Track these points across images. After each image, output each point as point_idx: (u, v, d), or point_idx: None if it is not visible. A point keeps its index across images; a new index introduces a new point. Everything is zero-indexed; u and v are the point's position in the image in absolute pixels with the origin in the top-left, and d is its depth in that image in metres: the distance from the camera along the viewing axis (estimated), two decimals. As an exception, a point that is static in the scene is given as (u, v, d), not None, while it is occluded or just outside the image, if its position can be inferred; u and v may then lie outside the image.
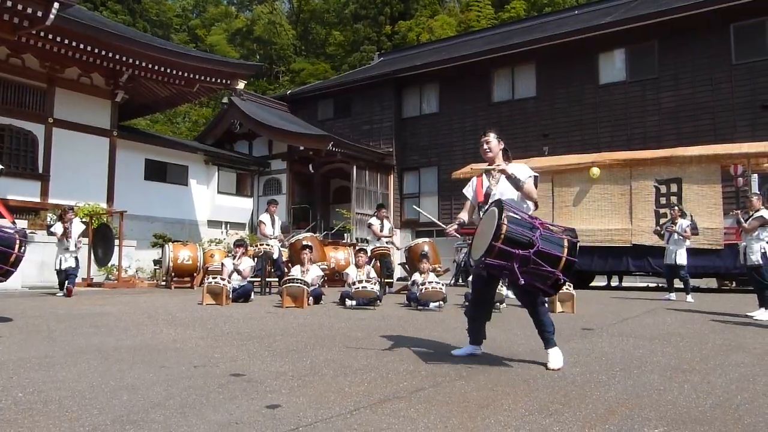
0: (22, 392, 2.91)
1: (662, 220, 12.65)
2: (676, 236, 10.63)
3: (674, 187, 13.20)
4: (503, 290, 8.28)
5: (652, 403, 3.01)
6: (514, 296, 10.15)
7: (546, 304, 7.39)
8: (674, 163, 13.32)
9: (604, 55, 19.30)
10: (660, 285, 14.37)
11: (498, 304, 8.19)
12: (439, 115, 22.75)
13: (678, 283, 10.69)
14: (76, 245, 10.61)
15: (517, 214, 3.93)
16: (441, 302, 8.34)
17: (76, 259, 10.60)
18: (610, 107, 18.99)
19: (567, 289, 7.99)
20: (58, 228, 10.63)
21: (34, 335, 4.88)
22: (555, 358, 4.00)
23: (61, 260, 10.47)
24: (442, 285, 8.52)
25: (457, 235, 4.64)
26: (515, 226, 3.75)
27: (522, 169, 4.62)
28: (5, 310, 6.88)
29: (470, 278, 4.82)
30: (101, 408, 2.65)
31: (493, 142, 4.90)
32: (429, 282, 8.31)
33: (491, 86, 21.56)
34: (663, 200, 13.21)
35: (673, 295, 10.45)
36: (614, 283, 16.70)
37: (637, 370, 3.89)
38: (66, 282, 10.14)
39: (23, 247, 5.42)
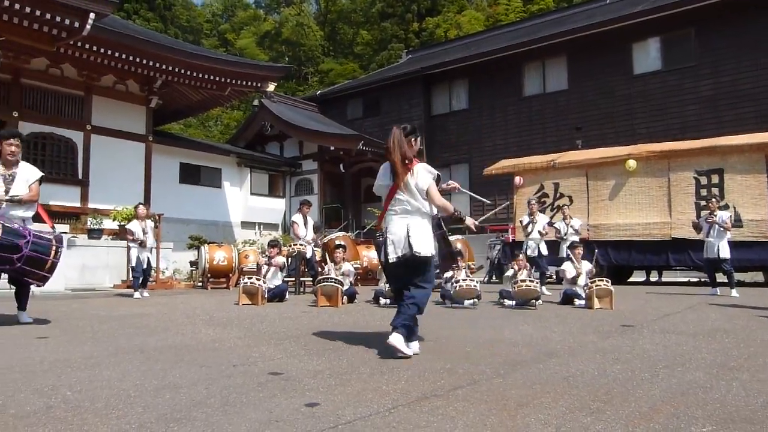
0: (70, 391, 2.98)
1: (703, 213, 12.36)
2: (716, 229, 10.32)
3: (715, 179, 12.83)
4: (540, 288, 8.20)
5: (698, 401, 2.94)
6: (549, 293, 10.06)
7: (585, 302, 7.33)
8: (715, 153, 12.94)
9: (637, 45, 18.96)
10: (702, 280, 14.03)
11: (534, 301, 8.12)
12: (469, 111, 22.63)
13: (722, 278, 10.42)
14: (152, 242, 10.57)
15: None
16: (475, 299, 8.30)
17: (148, 258, 10.52)
18: (646, 98, 18.64)
19: (605, 284, 7.87)
20: (134, 226, 10.36)
21: (79, 336, 5.00)
22: None
23: (139, 259, 10.22)
24: (476, 282, 8.47)
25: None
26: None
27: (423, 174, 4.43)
28: (50, 312, 7.06)
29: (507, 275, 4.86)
30: (146, 406, 2.70)
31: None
32: (463, 279, 8.26)
33: (521, 80, 21.36)
34: (704, 192, 12.87)
35: (717, 290, 10.17)
36: (653, 278, 16.36)
37: (681, 367, 3.80)
38: (146, 281, 10.34)
39: (59, 253, 5.51)
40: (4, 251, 5.11)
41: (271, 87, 18.99)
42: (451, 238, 12.84)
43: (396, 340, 4.10)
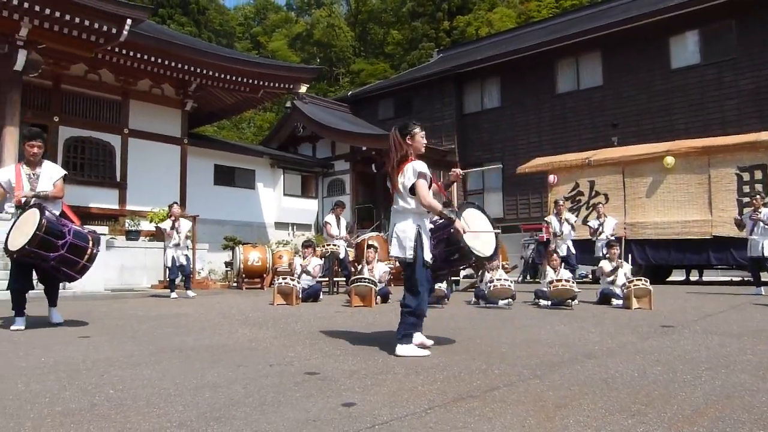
0: (113, 389, 3.05)
1: (746, 210, 12.03)
2: (761, 226, 10.03)
3: (759, 174, 12.42)
4: (575, 287, 8.09)
5: (744, 404, 2.86)
6: (579, 290, 9.90)
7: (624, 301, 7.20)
8: (759, 148, 12.52)
9: (674, 39, 18.54)
10: (745, 279, 13.66)
11: (570, 301, 8.02)
12: (502, 110, 22.44)
13: (766, 276, 10.13)
14: (186, 240, 10.49)
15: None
16: (510, 299, 8.23)
17: (187, 257, 10.49)
18: (684, 92, 18.22)
19: (644, 284, 7.73)
20: (167, 224, 10.49)
21: (120, 335, 5.10)
22: None
23: (174, 259, 10.26)
24: (511, 282, 8.40)
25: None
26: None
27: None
28: (91, 312, 7.24)
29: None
30: (186, 405, 2.74)
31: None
32: (497, 279, 8.20)
33: (555, 77, 21.09)
34: (746, 188, 12.50)
35: (762, 290, 9.89)
36: (693, 277, 15.98)
37: (725, 369, 3.70)
38: (184, 283, 10.28)
39: (97, 246, 5.56)
40: (51, 236, 5.17)
41: (303, 88, 19.11)
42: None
43: (402, 350, 4.15)
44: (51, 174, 5.69)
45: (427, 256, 4.31)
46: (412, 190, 4.30)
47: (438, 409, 2.76)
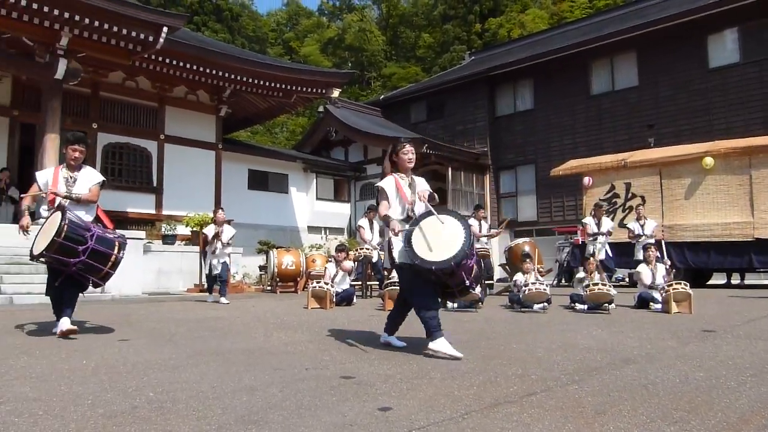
0: (152, 392, 3.10)
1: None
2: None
3: (804, 175, 12.12)
4: (611, 290, 7.96)
5: (791, 411, 2.77)
6: (615, 292, 9.73)
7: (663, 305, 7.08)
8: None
9: (713, 37, 18.15)
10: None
11: (606, 304, 7.89)
12: (535, 112, 22.25)
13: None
14: (224, 248, 10.09)
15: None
16: (545, 303, 8.13)
17: (224, 264, 10.08)
18: (723, 92, 17.82)
19: (683, 287, 7.57)
20: (210, 230, 10.23)
21: (158, 338, 5.19)
22: None
23: (211, 265, 10.02)
24: (546, 286, 8.31)
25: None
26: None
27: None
28: (129, 315, 7.38)
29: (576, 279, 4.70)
30: (224, 408, 2.77)
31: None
32: (532, 283, 8.11)
33: (589, 78, 20.85)
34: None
35: None
36: (735, 281, 15.57)
37: (770, 374, 3.60)
38: (219, 289, 9.89)
39: (122, 251, 5.33)
40: (71, 242, 5.00)
41: (336, 93, 19.23)
42: (518, 240, 12.70)
43: (435, 345, 4.25)
44: (89, 178, 5.60)
45: (397, 257, 4.44)
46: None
47: (475, 414, 2.74)
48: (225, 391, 3.12)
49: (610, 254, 11.42)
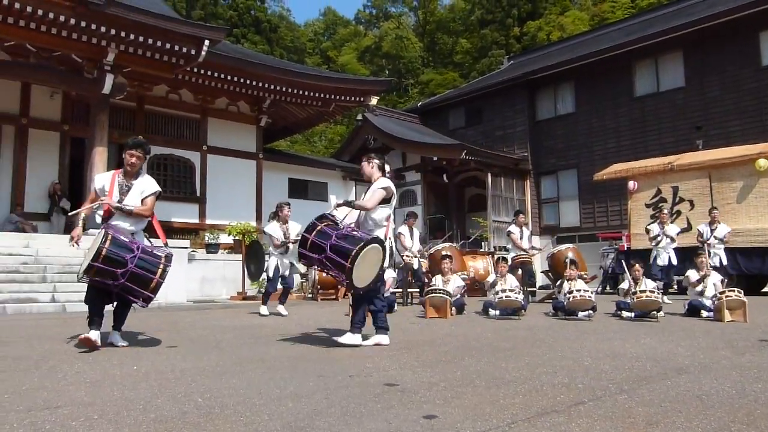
0: (201, 398, 3.15)
1: None
2: None
3: None
4: (662, 298, 7.77)
5: None
6: (670, 302, 9.48)
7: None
8: None
9: (765, 34, 17.51)
10: None
11: (655, 312, 7.70)
12: (576, 115, 21.91)
13: None
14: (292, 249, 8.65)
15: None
16: (590, 311, 7.97)
17: (295, 268, 9.09)
18: (779, 90, 17.19)
19: (737, 295, 7.32)
20: (274, 229, 9.05)
21: (204, 345, 5.27)
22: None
23: (277, 267, 8.78)
24: (591, 293, 8.15)
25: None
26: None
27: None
28: (177, 322, 7.52)
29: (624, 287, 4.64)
30: (270, 414, 2.80)
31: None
32: (577, 290, 7.97)
33: (633, 80, 20.43)
34: None
35: None
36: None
37: (833, 384, 3.45)
38: (280, 297, 8.92)
39: (165, 272, 5.08)
40: (109, 265, 4.83)
41: (374, 101, 19.33)
42: (561, 246, 12.51)
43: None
44: (143, 188, 5.27)
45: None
46: None
47: (522, 423, 2.70)
48: (271, 398, 3.15)
49: (674, 262, 11.17)
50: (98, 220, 5.29)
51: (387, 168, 5.66)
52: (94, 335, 4.91)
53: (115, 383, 3.55)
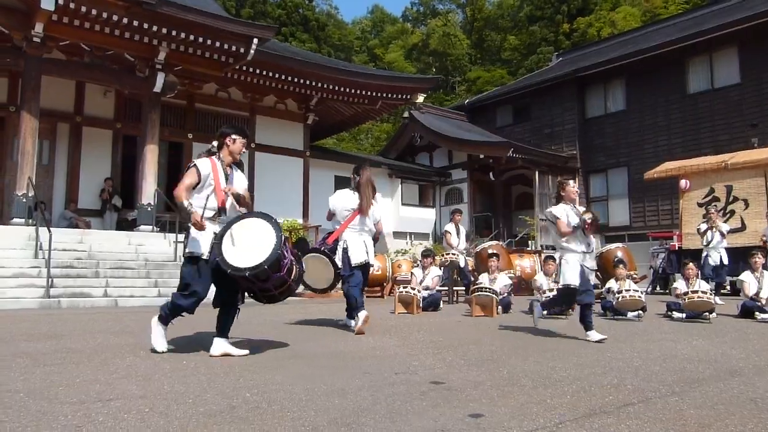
0: (249, 393, 3.21)
1: None
2: None
3: None
4: (714, 299, 7.55)
5: None
6: (722, 303, 9.19)
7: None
8: None
9: (825, 28, 16.80)
10: None
11: (707, 314, 7.48)
12: (627, 113, 21.41)
13: None
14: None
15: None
16: (640, 311, 7.80)
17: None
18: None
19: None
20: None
21: (253, 340, 5.35)
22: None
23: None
24: (641, 293, 7.97)
25: None
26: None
27: None
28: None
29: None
30: (317, 410, 2.84)
31: None
32: (626, 290, 7.81)
33: (685, 77, 19.84)
34: None
35: None
36: None
37: None
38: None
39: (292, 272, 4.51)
40: (274, 268, 4.30)
41: (420, 98, 19.30)
42: (610, 245, 12.26)
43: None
44: (241, 180, 4.83)
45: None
46: None
47: (569, 423, 2.67)
48: (317, 394, 3.19)
49: (726, 261, 10.86)
50: (197, 210, 4.43)
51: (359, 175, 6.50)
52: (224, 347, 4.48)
53: (165, 377, 3.64)
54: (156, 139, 13.40)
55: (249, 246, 4.29)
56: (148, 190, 13.14)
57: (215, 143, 4.76)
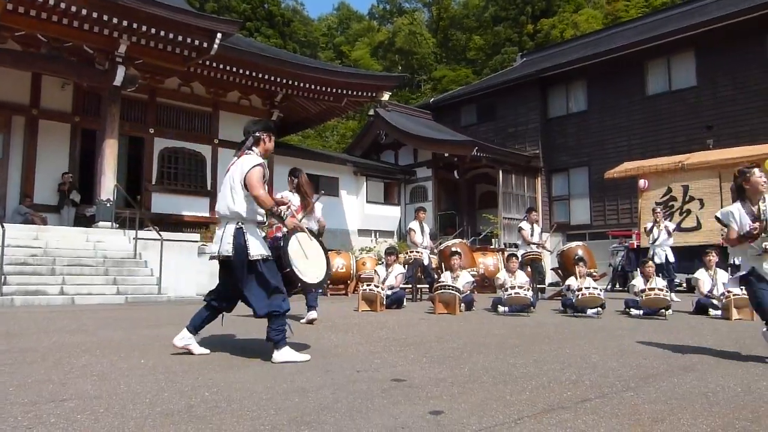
0: (208, 392, 3.17)
1: None
2: None
3: None
4: (671, 295, 7.74)
5: None
6: (678, 300, 9.44)
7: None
8: None
9: (776, 35, 17.37)
10: None
11: (663, 310, 7.67)
12: (588, 113, 21.81)
13: None
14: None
15: None
16: (599, 308, 7.95)
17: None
18: (788, 91, 17.04)
19: (744, 293, 7.28)
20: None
21: (211, 339, 5.29)
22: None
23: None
24: (600, 290, 8.13)
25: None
26: None
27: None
28: (184, 316, 7.51)
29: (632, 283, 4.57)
30: (277, 409, 2.82)
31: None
32: (586, 287, 7.95)
33: (645, 79, 20.31)
34: None
35: None
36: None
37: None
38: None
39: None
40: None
41: (386, 96, 19.29)
42: (571, 244, 12.49)
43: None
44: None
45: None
46: None
47: (528, 419, 2.70)
48: (277, 392, 3.17)
49: (672, 259, 11.15)
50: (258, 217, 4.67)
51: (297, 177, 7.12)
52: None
53: (122, 376, 3.58)
54: (116, 133, 13.09)
55: (311, 257, 4.64)
56: (108, 186, 12.83)
57: (253, 138, 4.63)
